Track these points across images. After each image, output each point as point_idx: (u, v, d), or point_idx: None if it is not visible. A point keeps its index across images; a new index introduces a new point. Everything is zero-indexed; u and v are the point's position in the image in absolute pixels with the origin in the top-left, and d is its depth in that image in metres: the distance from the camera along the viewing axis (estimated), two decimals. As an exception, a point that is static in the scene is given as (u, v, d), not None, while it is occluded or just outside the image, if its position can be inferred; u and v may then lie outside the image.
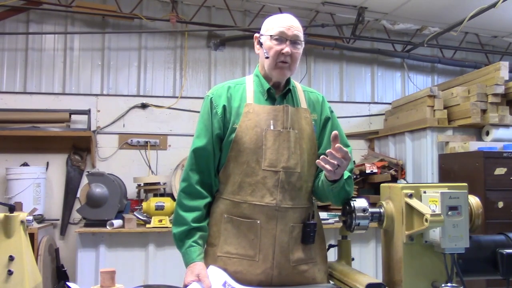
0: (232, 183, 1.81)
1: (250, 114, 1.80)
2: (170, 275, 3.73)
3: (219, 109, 1.82)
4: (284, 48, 1.78)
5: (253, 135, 1.78)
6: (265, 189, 1.76)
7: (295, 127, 1.82)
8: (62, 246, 4.27)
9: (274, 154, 1.77)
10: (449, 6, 4.46)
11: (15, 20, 4.51)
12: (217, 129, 1.82)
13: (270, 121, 1.79)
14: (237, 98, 1.84)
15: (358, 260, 3.91)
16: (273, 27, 1.81)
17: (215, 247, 1.82)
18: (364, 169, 4.48)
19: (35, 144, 4.34)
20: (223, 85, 1.90)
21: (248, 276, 1.76)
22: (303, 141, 1.83)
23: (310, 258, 1.82)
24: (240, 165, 1.79)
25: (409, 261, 1.43)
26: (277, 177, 1.76)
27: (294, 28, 1.81)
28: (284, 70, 1.82)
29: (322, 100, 1.96)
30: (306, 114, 1.87)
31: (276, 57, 1.79)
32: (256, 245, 1.76)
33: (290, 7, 4.84)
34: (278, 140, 1.78)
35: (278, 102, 1.85)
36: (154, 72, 4.77)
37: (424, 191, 1.45)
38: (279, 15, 1.88)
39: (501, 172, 3.60)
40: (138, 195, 4.33)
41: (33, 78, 4.52)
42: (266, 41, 1.81)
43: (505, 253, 1.44)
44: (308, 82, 5.10)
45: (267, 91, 1.85)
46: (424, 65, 5.42)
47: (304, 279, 1.80)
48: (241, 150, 1.78)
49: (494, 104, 4.02)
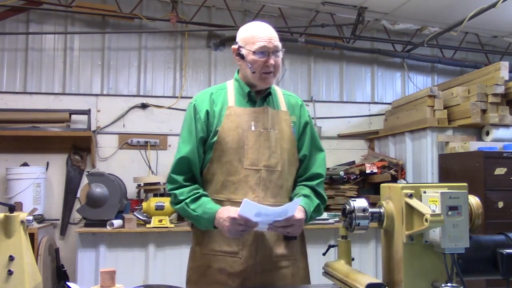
0: (215, 182, 1.88)
1: (232, 116, 1.88)
2: (170, 275, 3.73)
3: (202, 114, 1.90)
4: (268, 61, 1.85)
5: (235, 135, 1.85)
6: (248, 187, 1.83)
7: (276, 128, 1.90)
8: (62, 246, 4.27)
9: (255, 153, 1.85)
10: (449, 6, 4.46)
11: (15, 20, 4.51)
12: (200, 132, 1.89)
13: (251, 122, 1.87)
14: (219, 102, 1.92)
15: (358, 260, 3.91)
16: (254, 42, 1.86)
17: (201, 246, 1.89)
18: (364, 169, 4.49)
19: (35, 144, 4.34)
20: (205, 91, 1.99)
21: (232, 272, 1.82)
22: (283, 141, 1.91)
23: (291, 254, 1.91)
24: (223, 165, 1.86)
25: (409, 261, 1.43)
26: (259, 175, 1.84)
27: (274, 39, 1.87)
28: (269, 79, 1.90)
29: (301, 104, 2.05)
30: (286, 116, 1.96)
31: (261, 69, 1.86)
32: (240, 242, 1.83)
33: (290, 7, 4.84)
34: (259, 140, 1.86)
35: (259, 105, 1.93)
36: (154, 72, 4.77)
37: (424, 191, 1.45)
38: (255, 26, 1.92)
39: (501, 172, 3.60)
40: (138, 195, 4.33)
41: (33, 78, 4.52)
42: (249, 56, 1.87)
43: (505, 253, 1.44)
44: (308, 82, 5.10)
45: (248, 94, 1.92)
46: (424, 65, 5.42)
47: (285, 275, 1.88)
48: (223, 150, 1.85)
49: (494, 104, 4.02)
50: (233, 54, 1.96)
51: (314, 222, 3.87)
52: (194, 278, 1.91)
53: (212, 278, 1.85)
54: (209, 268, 1.86)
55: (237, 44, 1.92)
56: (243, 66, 1.92)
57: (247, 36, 1.90)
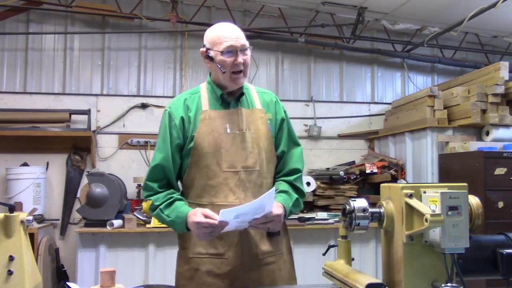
0: (196, 187, 1.90)
1: (207, 121, 1.89)
2: (170, 275, 3.68)
3: (177, 120, 1.91)
4: (237, 59, 1.85)
5: (211, 140, 1.86)
6: (228, 189, 1.85)
7: (251, 127, 1.91)
8: (62, 246, 4.27)
9: (232, 155, 1.86)
10: (449, 6, 4.46)
11: (15, 20, 4.52)
12: (176, 139, 1.90)
13: (226, 124, 1.89)
14: (193, 107, 1.93)
15: (358, 260, 3.91)
16: (221, 42, 1.86)
17: (187, 249, 1.91)
18: (364, 169, 4.49)
19: (35, 144, 4.34)
20: (179, 97, 2.00)
21: (220, 273, 1.84)
22: (260, 140, 1.91)
23: (277, 250, 1.94)
24: (202, 169, 1.87)
25: (409, 261, 1.43)
26: (238, 177, 1.86)
27: (240, 38, 1.88)
28: (240, 79, 1.90)
29: (276, 100, 2.05)
30: (261, 114, 1.96)
31: (230, 68, 1.86)
32: (225, 243, 1.85)
33: (290, 7, 4.84)
34: (235, 142, 1.87)
35: (233, 106, 1.94)
36: (154, 72, 4.77)
37: (424, 191, 1.45)
38: (220, 27, 1.93)
39: (501, 172, 3.60)
40: (138, 195, 4.33)
41: (33, 78, 4.52)
42: (217, 56, 1.87)
43: (505, 253, 1.44)
44: (308, 82, 5.10)
45: (221, 97, 1.93)
46: (424, 65, 5.42)
47: (272, 271, 1.90)
48: (201, 155, 1.87)
49: (494, 104, 4.02)
50: (201, 57, 1.97)
51: (314, 222, 3.87)
52: (182, 283, 1.92)
53: (201, 280, 1.86)
54: (197, 272, 1.87)
55: (205, 47, 1.93)
56: (213, 68, 1.92)
57: (213, 38, 1.90)
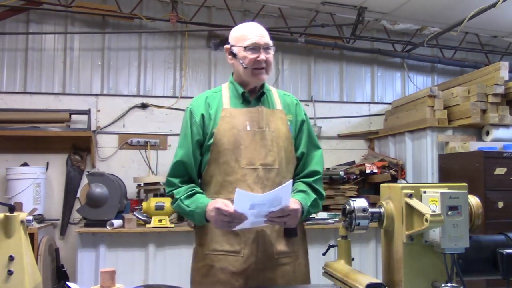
0: (214, 183, 1.92)
1: (227, 118, 1.92)
2: (170, 275, 3.73)
3: (198, 118, 1.95)
4: (259, 56, 1.91)
5: (230, 136, 1.89)
6: (246, 186, 1.85)
7: (271, 126, 1.93)
8: (62, 246, 4.27)
9: (251, 152, 1.88)
10: (449, 6, 4.46)
11: (15, 20, 4.51)
12: (196, 136, 1.94)
13: (246, 122, 1.91)
14: (214, 105, 1.97)
15: (358, 260, 3.91)
16: (245, 39, 1.93)
17: (203, 246, 1.92)
18: (364, 169, 4.49)
19: (35, 144, 4.34)
20: (201, 95, 2.04)
21: (235, 271, 1.85)
22: (279, 140, 1.93)
23: (292, 251, 1.93)
24: (221, 166, 1.89)
25: (409, 261, 1.43)
26: (256, 174, 1.87)
27: (264, 36, 1.95)
28: (261, 75, 1.94)
29: (297, 103, 2.09)
30: (282, 115, 1.99)
31: (252, 64, 1.91)
32: (241, 241, 1.86)
33: (290, 7, 4.84)
34: (255, 139, 1.89)
35: (253, 105, 1.98)
36: (154, 72, 4.77)
37: (424, 191, 1.45)
38: (246, 25, 2.00)
39: (501, 172, 3.60)
40: (138, 195, 4.33)
41: (33, 78, 4.52)
42: (240, 52, 1.94)
43: (505, 253, 1.44)
44: (308, 82, 5.10)
45: (242, 95, 1.97)
46: (424, 65, 5.42)
47: (286, 272, 1.90)
48: (220, 151, 1.89)
49: (494, 104, 4.02)
50: (225, 53, 2.03)
51: (314, 222, 3.87)
52: (197, 279, 1.93)
53: (215, 278, 1.87)
54: (211, 268, 1.88)
55: (229, 44, 1.99)
56: (236, 64, 1.98)
57: (238, 35, 1.96)
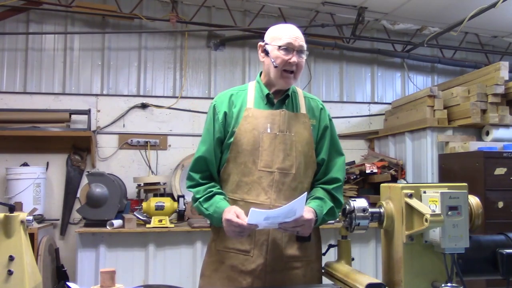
0: (231, 182, 1.93)
1: (249, 118, 1.91)
2: (170, 275, 3.72)
3: (220, 115, 1.95)
4: (291, 58, 1.88)
5: (250, 137, 1.89)
6: (260, 188, 1.86)
7: (292, 130, 1.92)
8: (62, 246, 4.27)
9: (269, 155, 1.88)
10: (449, 6, 4.46)
11: (15, 20, 4.51)
12: (217, 133, 1.94)
13: (268, 124, 1.90)
14: (238, 104, 1.96)
15: (358, 260, 3.92)
16: (281, 38, 1.90)
17: (216, 242, 1.94)
18: (364, 169, 4.49)
19: (35, 144, 4.34)
20: (226, 92, 2.03)
21: (243, 270, 1.86)
22: (299, 144, 1.92)
23: (305, 256, 1.91)
24: (238, 166, 1.90)
25: (409, 261, 1.43)
26: (272, 177, 1.87)
27: (300, 39, 1.93)
28: (290, 79, 1.93)
29: (322, 107, 2.07)
30: (305, 119, 1.98)
31: (283, 66, 1.89)
32: (252, 241, 1.87)
33: (290, 7, 4.84)
34: (274, 143, 1.89)
35: (277, 107, 1.96)
36: (154, 72, 4.77)
37: (424, 191, 1.45)
38: (284, 26, 1.97)
39: (501, 172, 3.60)
40: (138, 195, 4.33)
41: (33, 78, 4.52)
42: (274, 51, 1.91)
43: (505, 253, 1.44)
44: (308, 82, 5.10)
45: (266, 96, 1.95)
46: (424, 65, 5.42)
47: (296, 276, 1.89)
48: (239, 151, 1.90)
49: (494, 104, 4.02)
50: (258, 50, 2.00)
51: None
52: (207, 273, 1.96)
53: (224, 274, 1.89)
54: (222, 264, 1.91)
55: (263, 41, 1.97)
56: (267, 62, 1.95)
57: (274, 34, 1.94)
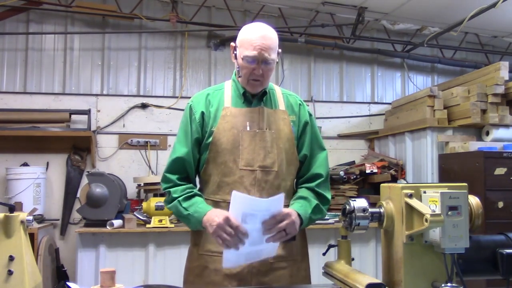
0: (212, 183, 1.88)
1: (227, 117, 1.87)
2: (170, 275, 3.73)
3: (197, 115, 1.90)
4: (256, 69, 1.81)
5: (230, 136, 1.84)
6: (243, 188, 1.81)
7: (272, 127, 1.88)
8: (62, 246, 4.27)
9: (250, 153, 1.83)
10: (449, 6, 4.46)
11: (15, 20, 4.51)
12: (195, 133, 1.89)
13: (247, 122, 1.86)
14: (215, 103, 1.92)
15: (358, 260, 3.91)
16: (247, 47, 1.80)
17: (198, 246, 1.89)
18: (364, 169, 4.49)
19: (35, 144, 4.34)
20: (202, 92, 1.99)
21: (228, 273, 1.81)
22: (280, 141, 1.88)
23: (290, 255, 1.88)
24: (218, 166, 1.85)
25: (409, 261, 1.43)
26: (254, 176, 1.82)
27: (266, 49, 1.79)
28: (256, 87, 1.88)
29: (301, 103, 2.02)
30: (284, 116, 1.93)
31: (248, 75, 1.84)
32: None
33: (290, 7, 4.84)
34: (254, 140, 1.84)
35: (255, 105, 1.92)
36: (154, 72, 4.77)
37: (424, 191, 1.45)
38: (254, 30, 1.84)
39: (501, 172, 3.60)
40: (138, 195, 4.33)
41: (33, 78, 4.52)
42: (240, 58, 1.85)
43: (505, 253, 1.44)
44: (308, 82, 5.10)
45: (243, 95, 1.92)
46: (424, 65, 5.42)
47: (283, 276, 1.86)
48: (218, 151, 1.85)
49: (494, 104, 4.02)
50: (230, 50, 1.95)
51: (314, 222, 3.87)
52: (190, 279, 1.90)
53: (208, 279, 1.84)
54: (205, 269, 1.85)
55: (235, 43, 1.91)
56: (237, 64, 1.90)
57: (242, 38, 1.86)
